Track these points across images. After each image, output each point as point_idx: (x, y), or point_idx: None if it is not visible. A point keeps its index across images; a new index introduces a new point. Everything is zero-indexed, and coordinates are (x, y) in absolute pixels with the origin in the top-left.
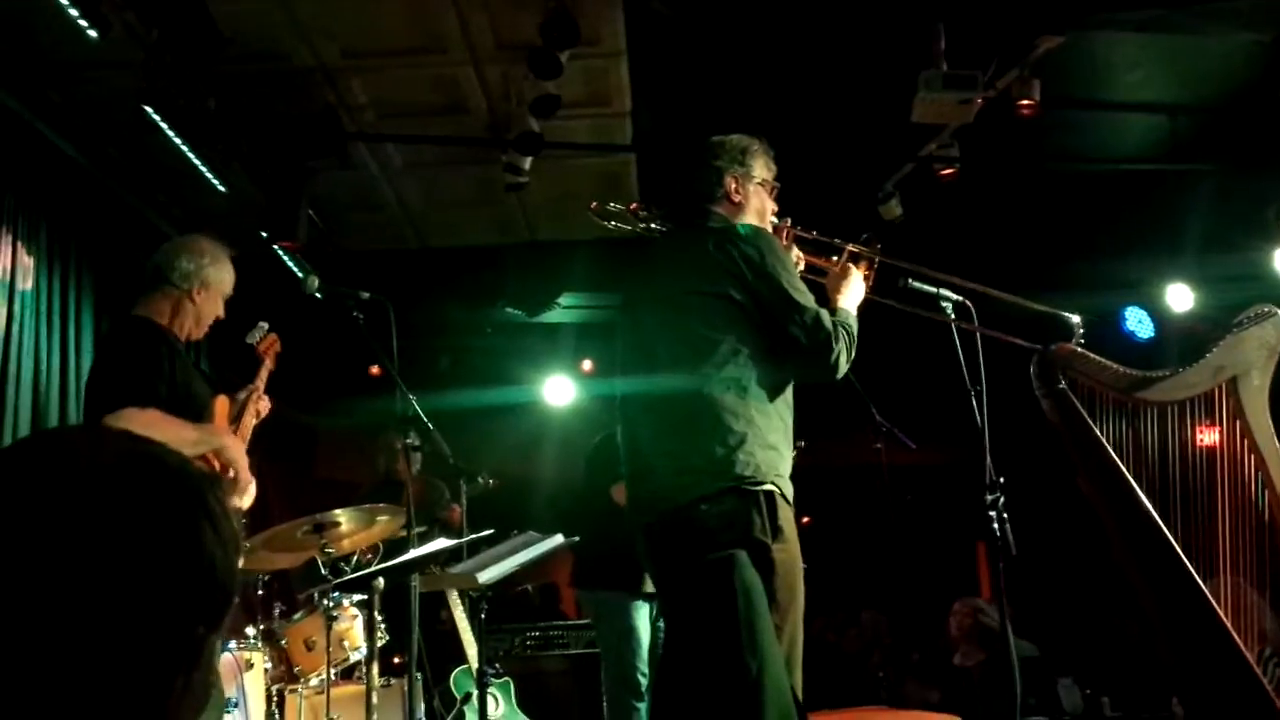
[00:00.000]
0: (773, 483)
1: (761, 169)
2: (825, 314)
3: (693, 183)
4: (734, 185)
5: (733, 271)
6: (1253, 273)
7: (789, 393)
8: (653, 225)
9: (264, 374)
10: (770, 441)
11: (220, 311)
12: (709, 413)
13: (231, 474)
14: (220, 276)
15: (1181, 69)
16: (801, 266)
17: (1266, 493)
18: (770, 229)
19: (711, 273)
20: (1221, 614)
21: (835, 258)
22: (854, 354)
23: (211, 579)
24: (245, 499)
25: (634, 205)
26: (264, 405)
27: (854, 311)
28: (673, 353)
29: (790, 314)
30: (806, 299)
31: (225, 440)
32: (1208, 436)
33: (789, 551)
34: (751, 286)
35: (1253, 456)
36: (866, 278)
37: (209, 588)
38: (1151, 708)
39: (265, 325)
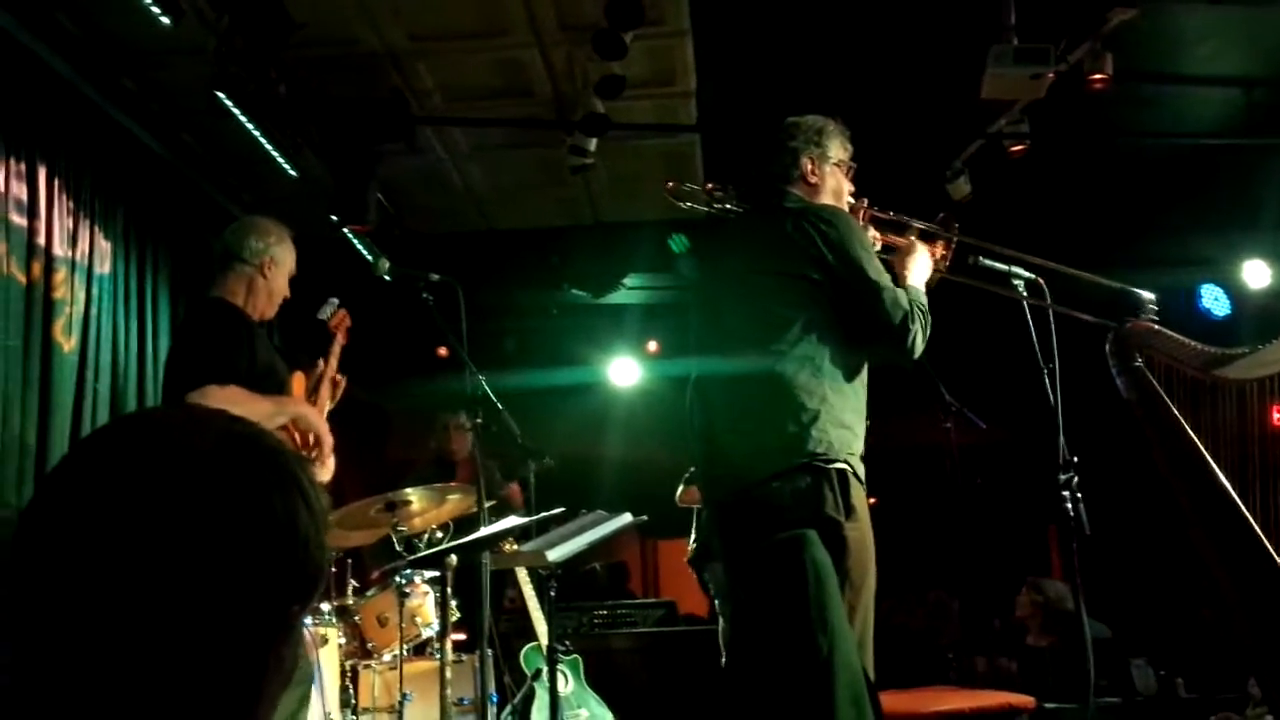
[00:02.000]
0: (845, 461)
1: (837, 149)
2: (903, 294)
3: (768, 164)
4: (810, 166)
5: (811, 252)
6: None
7: (864, 372)
8: (727, 206)
9: (336, 349)
10: (844, 420)
11: (287, 290)
12: (783, 391)
13: (313, 440)
14: (286, 254)
15: (1256, 41)
16: (878, 246)
17: None
18: (847, 209)
19: (789, 252)
20: None
21: (912, 237)
22: (929, 333)
23: (306, 556)
24: (326, 472)
25: (709, 185)
26: (340, 381)
27: (921, 288)
28: (747, 331)
29: (869, 295)
30: (885, 280)
31: (302, 409)
32: None
33: (861, 530)
34: (830, 267)
35: None
36: (944, 257)
37: (304, 565)
38: (1227, 688)
39: (335, 301)
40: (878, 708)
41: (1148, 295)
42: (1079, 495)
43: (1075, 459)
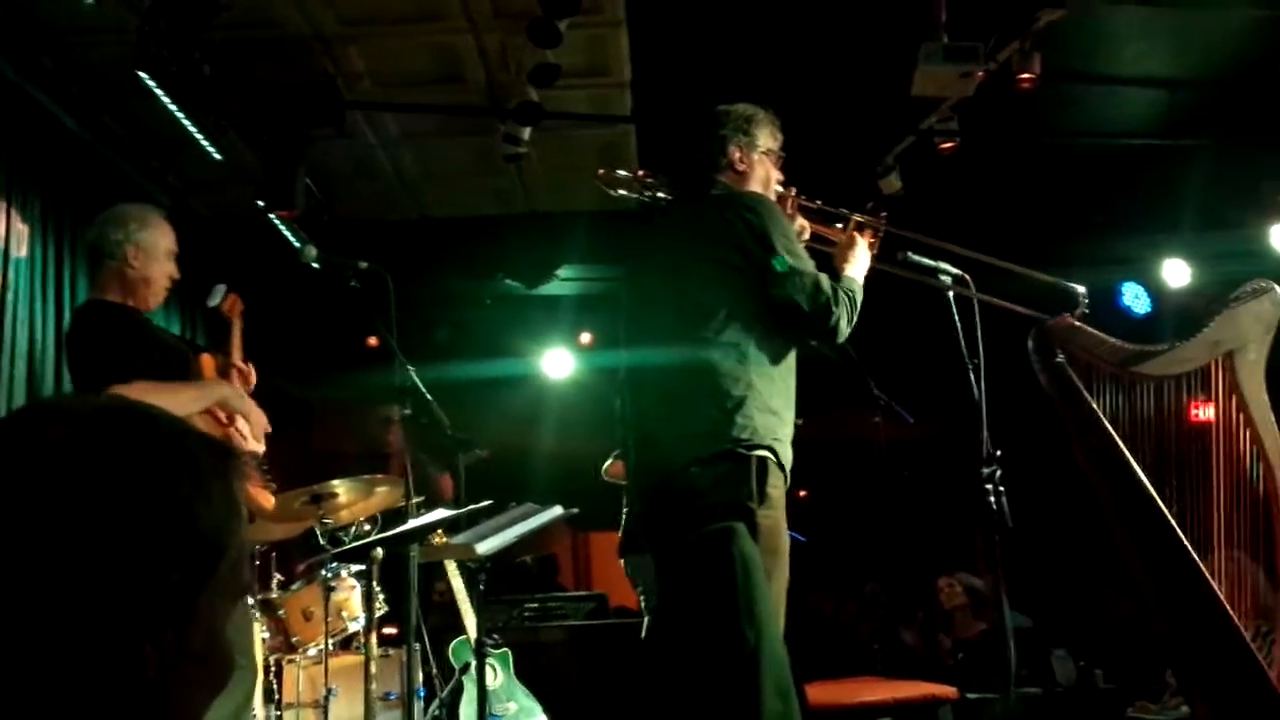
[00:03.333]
0: (769, 446)
1: (767, 138)
2: (825, 279)
3: (697, 152)
4: (738, 154)
5: (733, 239)
6: (1249, 249)
7: (791, 359)
8: (659, 194)
9: (237, 336)
10: (771, 406)
11: (171, 271)
12: (708, 378)
13: (241, 424)
14: (152, 237)
15: (1182, 42)
16: (807, 235)
17: (1261, 467)
18: (775, 198)
19: (713, 240)
20: (1216, 588)
21: (840, 226)
22: (855, 320)
23: (188, 528)
24: (260, 444)
25: (641, 173)
26: (249, 371)
27: (859, 280)
28: (673, 320)
29: (789, 279)
30: (806, 264)
31: (224, 391)
32: (1203, 411)
33: (774, 518)
34: (752, 253)
35: (1248, 431)
36: (871, 246)
37: (183, 536)
38: (1144, 680)
39: (223, 287)
40: (803, 698)
41: (1079, 288)
42: (1001, 489)
43: (998, 453)
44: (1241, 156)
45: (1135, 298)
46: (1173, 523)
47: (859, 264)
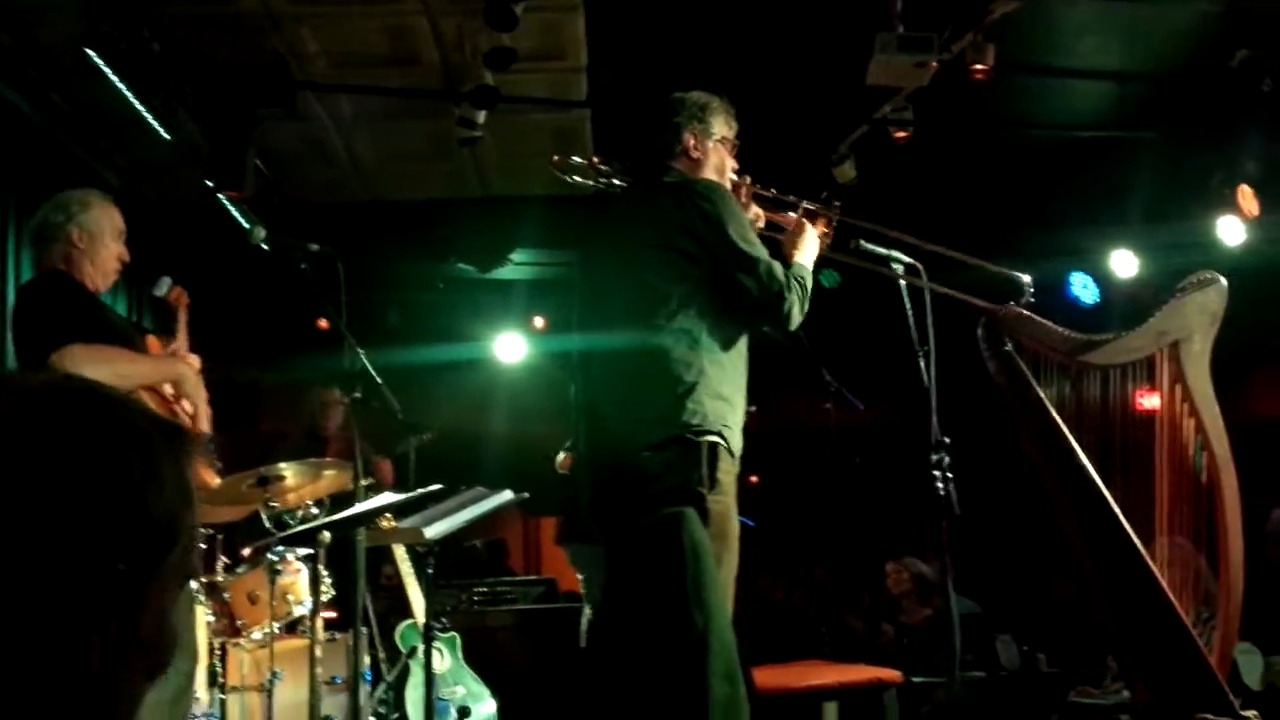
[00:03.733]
0: (719, 432)
1: (721, 126)
2: (778, 266)
3: (652, 139)
4: (693, 142)
5: (686, 225)
6: (1196, 241)
7: (743, 346)
8: (614, 181)
9: (183, 327)
10: (721, 392)
11: (120, 252)
12: (660, 364)
13: (189, 406)
14: (97, 220)
15: (1133, 36)
16: (761, 224)
17: (1205, 456)
18: (729, 186)
19: (665, 227)
20: (1158, 574)
21: (794, 215)
22: (807, 306)
23: (139, 514)
24: (205, 426)
25: (595, 160)
26: (194, 361)
27: (809, 266)
28: (626, 306)
29: (742, 266)
30: (759, 251)
31: (181, 370)
32: (1148, 400)
33: (724, 503)
34: (705, 240)
35: (1192, 420)
36: (825, 235)
37: (134, 523)
38: (1087, 664)
39: (169, 279)
40: (750, 682)
41: (1025, 278)
42: (950, 475)
43: (947, 440)
44: (1189, 150)
45: (1084, 288)
46: (1117, 510)
47: (808, 250)
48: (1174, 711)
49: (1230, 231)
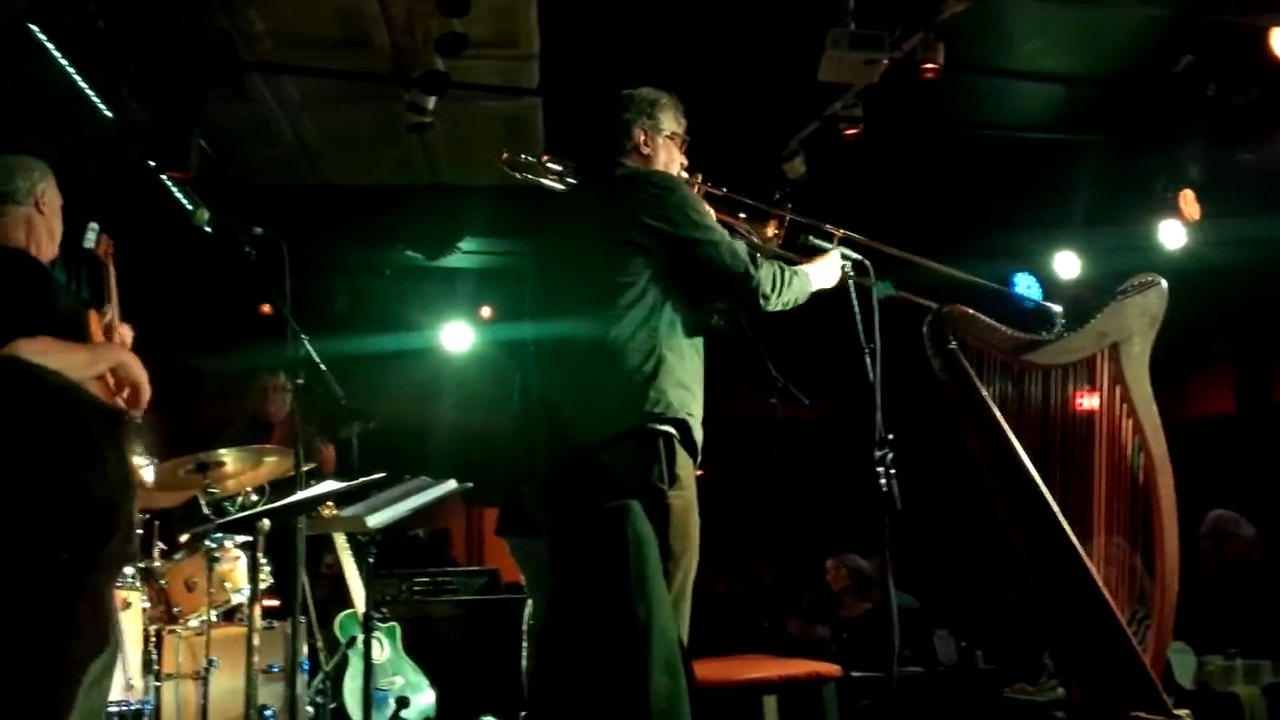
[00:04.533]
0: (684, 420)
1: (671, 122)
2: (742, 245)
3: (601, 135)
4: (643, 138)
5: (641, 217)
6: (1138, 244)
7: (699, 340)
8: (565, 179)
9: (112, 281)
10: (683, 381)
11: (61, 225)
12: (619, 353)
13: (128, 392)
14: (54, 189)
15: (1081, 40)
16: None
17: (1142, 456)
18: None
19: (620, 219)
20: (1095, 573)
21: (743, 215)
22: (788, 298)
23: (81, 503)
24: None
25: (545, 157)
26: (126, 332)
27: (812, 276)
28: (582, 298)
29: (701, 248)
30: (718, 233)
31: (122, 356)
32: (1089, 400)
33: (685, 499)
34: (661, 230)
35: (1130, 421)
36: (777, 236)
37: (75, 511)
38: (1023, 660)
39: (96, 227)
40: (691, 675)
41: (1056, 308)
42: (893, 471)
43: (891, 436)
44: (1133, 153)
45: (1027, 288)
46: (1056, 508)
47: (822, 269)
48: (1108, 709)
49: (1171, 235)
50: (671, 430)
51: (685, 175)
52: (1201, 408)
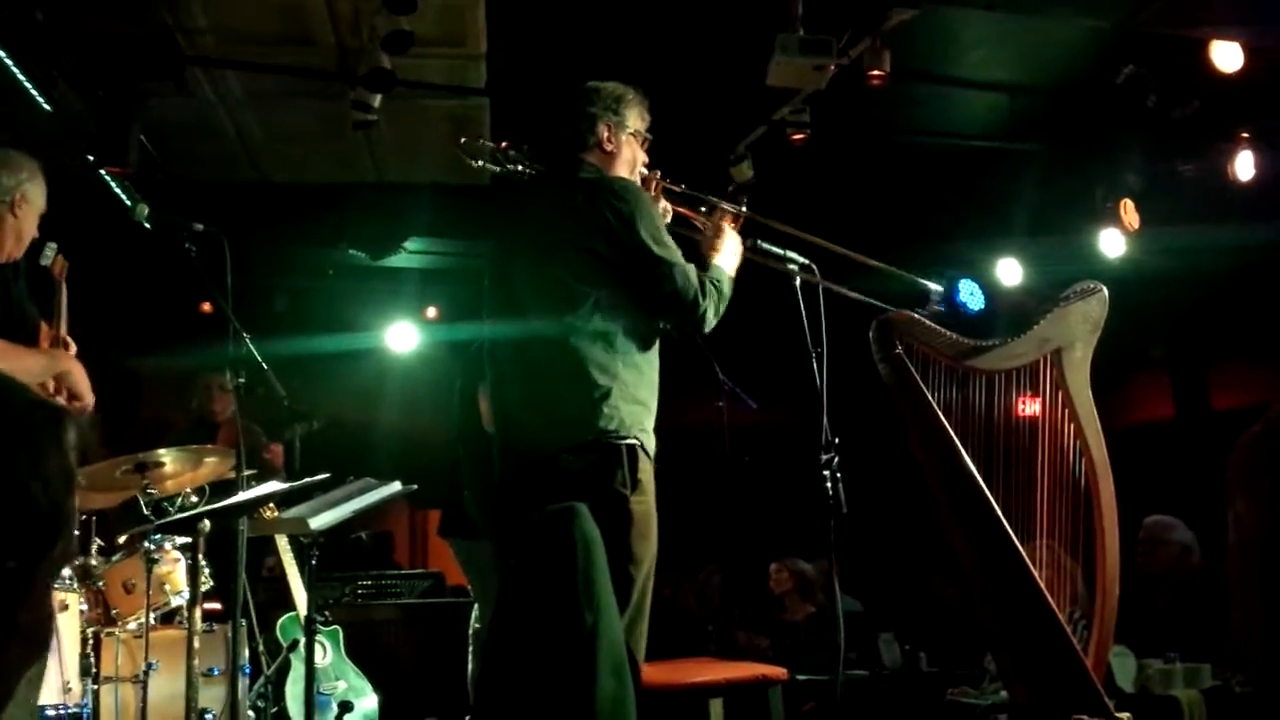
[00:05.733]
0: (636, 437)
1: (635, 119)
2: (693, 269)
3: (565, 128)
4: (607, 134)
5: (601, 226)
6: (1079, 252)
7: (655, 348)
8: (519, 167)
9: (62, 302)
10: (638, 396)
11: (36, 230)
12: (576, 366)
13: (65, 397)
14: (37, 192)
15: (1024, 50)
16: (669, 218)
17: (1083, 461)
18: (639, 180)
19: (581, 226)
20: (1036, 575)
21: (703, 209)
22: (724, 308)
23: (26, 511)
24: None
25: (503, 144)
26: (69, 347)
27: (728, 270)
28: (541, 304)
29: (655, 268)
30: (673, 255)
31: (68, 364)
32: (1031, 405)
33: (646, 504)
34: (620, 241)
35: (1072, 425)
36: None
37: (21, 519)
38: (966, 663)
39: (54, 246)
40: (637, 678)
41: (934, 286)
42: (838, 475)
43: (837, 440)
44: (1074, 162)
45: (971, 294)
46: (998, 512)
47: (728, 254)
48: (1050, 712)
49: (1111, 243)
50: (633, 441)
51: (644, 172)
52: (1140, 414)
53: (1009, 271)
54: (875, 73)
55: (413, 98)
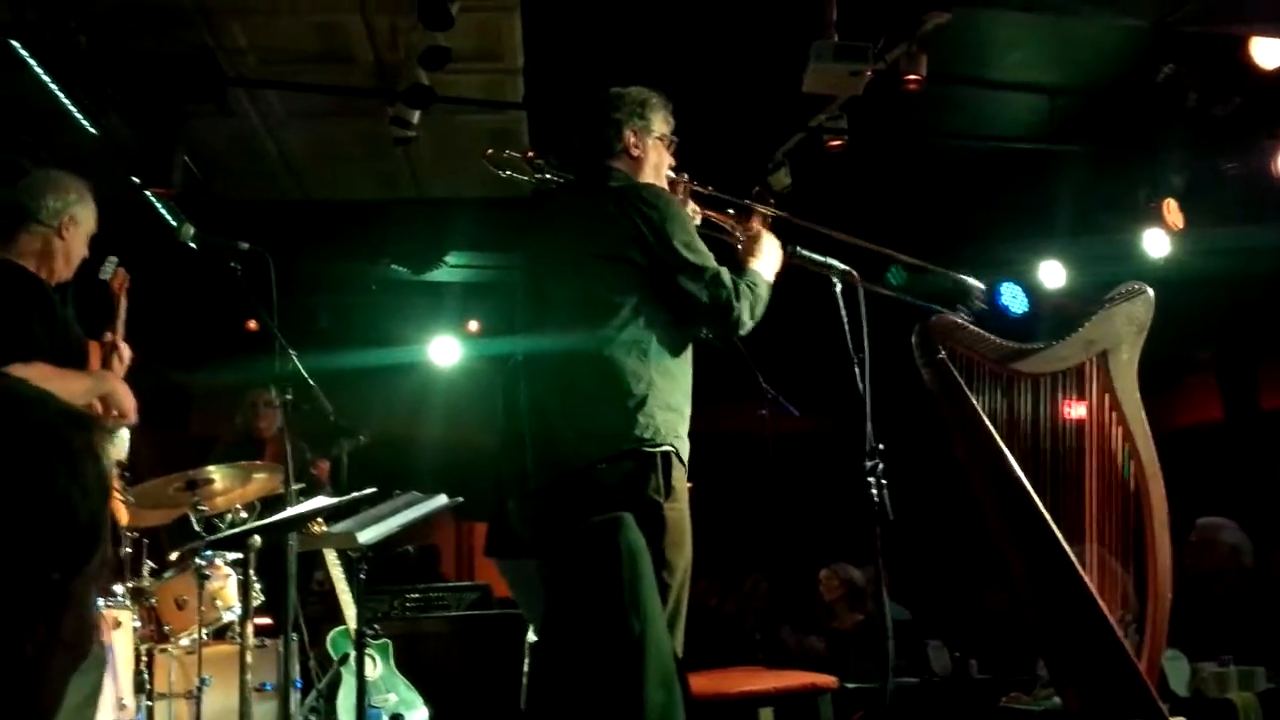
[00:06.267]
0: (671, 444)
1: (660, 123)
2: (725, 273)
3: (590, 135)
4: (633, 139)
5: (633, 234)
6: (1122, 252)
7: (689, 355)
8: (548, 175)
9: (121, 313)
10: (671, 403)
11: (86, 252)
12: (610, 375)
13: (116, 414)
14: (86, 214)
15: (1062, 51)
16: (698, 220)
17: (1132, 464)
18: (666, 184)
19: (612, 235)
20: (1087, 579)
21: (731, 211)
22: (761, 312)
23: (67, 521)
24: (123, 440)
25: (530, 154)
26: (126, 352)
27: (766, 274)
28: (574, 315)
29: (688, 274)
30: (706, 259)
31: (113, 385)
32: (1078, 408)
33: (680, 510)
34: (652, 249)
35: (1120, 429)
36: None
37: (63, 530)
38: (1017, 670)
39: (115, 259)
40: (686, 688)
41: (977, 284)
42: (884, 482)
43: (881, 446)
44: (1116, 163)
45: (1013, 297)
46: (1047, 516)
47: (766, 259)
48: (1104, 717)
49: (1155, 244)
50: (667, 448)
51: (672, 175)
52: (1188, 416)
53: (1052, 274)
54: (912, 77)
55: (451, 113)
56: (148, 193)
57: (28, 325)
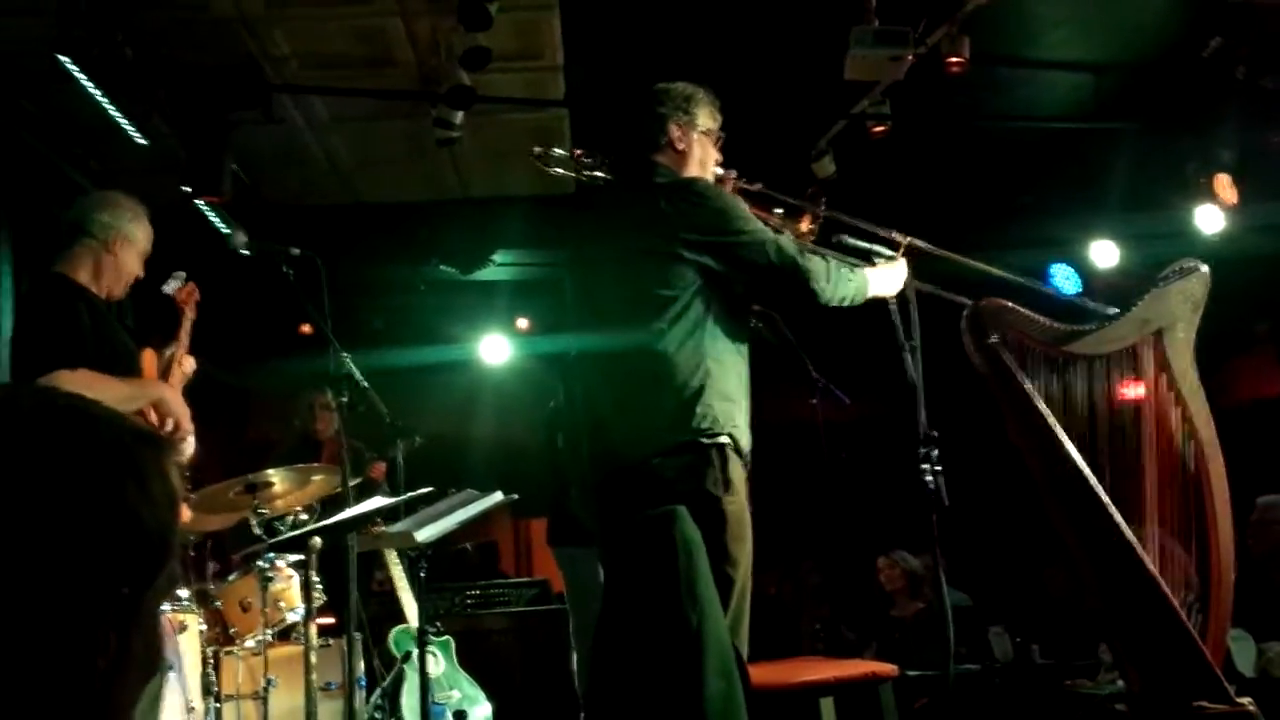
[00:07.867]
0: (729, 433)
1: (706, 118)
2: (785, 239)
3: (636, 131)
4: (678, 134)
5: (685, 228)
6: (1175, 229)
7: (744, 347)
8: (596, 173)
9: (186, 326)
10: (728, 393)
11: (140, 270)
12: (665, 368)
13: (170, 426)
14: (139, 232)
15: (1106, 27)
16: None
17: (1191, 443)
18: (713, 179)
19: (663, 230)
20: (1148, 561)
21: (779, 211)
22: (846, 296)
23: (136, 536)
24: (185, 451)
25: (577, 152)
26: (189, 363)
27: (872, 279)
28: (626, 310)
29: (749, 246)
30: (763, 232)
31: (162, 392)
32: (1134, 389)
33: (739, 503)
34: (705, 241)
35: (1178, 408)
36: (811, 231)
37: (133, 545)
38: (1080, 654)
39: (183, 274)
40: (746, 679)
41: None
42: (939, 468)
43: (935, 433)
44: (1166, 139)
45: (1065, 278)
46: (1105, 498)
47: (884, 271)
48: (1169, 699)
49: (1208, 220)
50: (725, 439)
51: (719, 171)
52: (1248, 392)
53: (1104, 253)
54: (954, 60)
55: (494, 112)
56: (199, 201)
57: (72, 334)
